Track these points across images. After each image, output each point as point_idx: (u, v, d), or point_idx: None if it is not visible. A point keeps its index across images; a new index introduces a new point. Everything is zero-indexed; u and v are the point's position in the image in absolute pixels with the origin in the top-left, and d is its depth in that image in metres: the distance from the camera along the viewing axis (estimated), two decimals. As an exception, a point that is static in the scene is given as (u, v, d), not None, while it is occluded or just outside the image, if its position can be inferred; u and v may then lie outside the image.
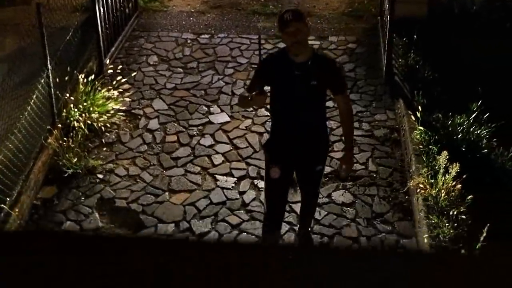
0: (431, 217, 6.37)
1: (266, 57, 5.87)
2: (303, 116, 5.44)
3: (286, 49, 5.35)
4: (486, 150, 7.12)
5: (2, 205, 6.57)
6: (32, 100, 7.41)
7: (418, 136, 7.40)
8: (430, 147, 7.15)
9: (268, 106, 6.02)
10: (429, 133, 7.32)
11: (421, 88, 8.06)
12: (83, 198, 7.14)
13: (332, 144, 6.54)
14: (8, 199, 6.68)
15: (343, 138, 6.14)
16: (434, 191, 6.54)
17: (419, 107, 7.63)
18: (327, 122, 5.84)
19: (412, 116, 7.69)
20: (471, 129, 7.22)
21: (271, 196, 5.86)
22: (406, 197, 7.07)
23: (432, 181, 6.66)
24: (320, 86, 5.41)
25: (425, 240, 6.27)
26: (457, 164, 6.40)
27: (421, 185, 6.74)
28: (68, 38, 8.51)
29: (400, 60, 8.96)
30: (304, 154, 5.62)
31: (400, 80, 8.70)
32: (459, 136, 7.16)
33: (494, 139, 7.25)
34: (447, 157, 6.53)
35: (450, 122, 7.33)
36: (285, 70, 5.34)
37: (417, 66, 8.64)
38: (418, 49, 8.91)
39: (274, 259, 1.41)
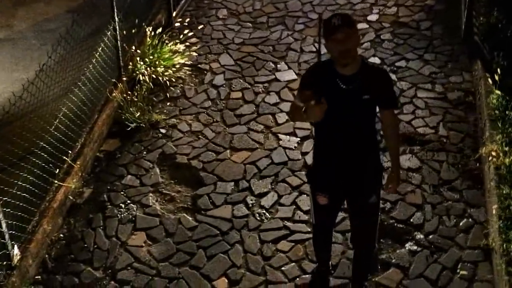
0: (502, 187, 6.09)
1: (311, 68, 4.99)
2: (352, 137, 4.78)
3: (332, 60, 4.60)
4: None
5: (65, 156, 6.62)
6: (98, 53, 7.43)
7: (494, 101, 7.06)
8: (507, 112, 6.82)
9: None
10: (507, 97, 6.97)
11: (502, 50, 7.63)
12: (144, 153, 7.17)
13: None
14: (70, 151, 6.74)
15: (389, 156, 5.28)
16: (508, 160, 6.27)
17: (498, 70, 7.24)
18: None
19: (490, 79, 7.32)
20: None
21: (320, 231, 5.41)
22: (477, 164, 6.81)
23: (507, 149, 6.39)
24: (372, 101, 4.70)
25: (494, 211, 6.02)
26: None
27: (494, 153, 6.47)
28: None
29: (481, 18, 8.54)
30: (355, 181, 4.96)
31: (479, 40, 8.31)
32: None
33: None
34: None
35: (530, 87, 6.93)
36: (331, 84, 4.60)
37: (499, 25, 8.19)
38: (503, 7, 8.44)
39: None
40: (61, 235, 6.31)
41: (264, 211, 6.45)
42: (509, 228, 5.72)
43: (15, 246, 5.71)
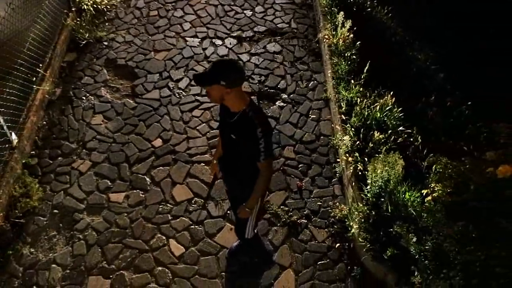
0: (333, 58, 5.90)
1: None
2: (229, 156, 3.65)
3: None
4: (370, 9, 6.49)
5: (38, 68, 5.89)
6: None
7: (324, 1, 6.71)
8: (332, 9, 6.50)
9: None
10: (330, -1, 6.61)
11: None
12: (95, 60, 6.44)
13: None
14: (41, 64, 5.99)
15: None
16: (335, 40, 6.02)
17: (324, -19, 6.82)
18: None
19: (320, -13, 6.90)
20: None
21: None
22: (317, 45, 6.54)
23: (334, 33, 6.11)
24: (239, 143, 3.41)
25: (329, 74, 5.86)
26: (350, 20, 5.87)
27: (326, 36, 6.20)
28: None
29: None
30: (227, 181, 3.91)
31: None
32: (351, 0, 6.48)
33: (376, 1, 6.56)
34: (344, 16, 5.98)
35: (345, -10, 6.58)
36: (224, 112, 3.46)
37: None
38: None
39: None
40: (44, 122, 5.70)
41: (181, 91, 6.02)
42: (339, 84, 5.60)
43: (13, 133, 5.16)
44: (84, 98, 5.95)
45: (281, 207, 4.87)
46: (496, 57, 5.60)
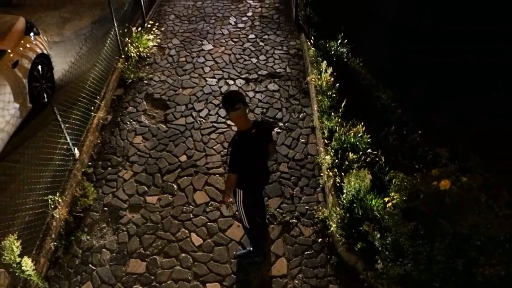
0: (318, 96, 5.93)
1: None
2: None
3: None
4: (346, 59, 6.57)
5: (96, 100, 6.02)
6: (107, 43, 6.63)
7: (311, 53, 6.78)
8: (318, 58, 6.57)
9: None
10: (317, 51, 6.70)
11: (313, 27, 7.30)
12: (137, 94, 6.53)
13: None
14: (98, 97, 6.12)
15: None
16: (320, 82, 6.03)
17: (312, 37, 6.95)
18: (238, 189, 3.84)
19: (308, 42, 7.00)
20: (338, 48, 6.61)
21: None
22: (306, 85, 6.56)
23: (319, 77, 6.15)
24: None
25: (315, 108, 5.88)
26: (331, 67, 5.91)
27: (313, 79, 6.24)
28: (125, 8, 7.60)
29: (302, 12, 8.04)
30: None
31: (302, 23, 7.86)
32: (332, 53, 6.57)
33: (350, 53, 6.64)
34: (326, 64, 6.01)
35: (327, 45, 6.69)
36: None
37: (311, 15, 7.77)
38: (312, 6, 7.95)
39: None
40: (98, 141, 5.77)
41: (202, 119, 6.03)
42: (322, 116, 5.61)
43: (76, 148, 5.29)
44: (128, 123, 6.02)
45: (277, 209, 4.87)
46: (441, 94, 5.67)
